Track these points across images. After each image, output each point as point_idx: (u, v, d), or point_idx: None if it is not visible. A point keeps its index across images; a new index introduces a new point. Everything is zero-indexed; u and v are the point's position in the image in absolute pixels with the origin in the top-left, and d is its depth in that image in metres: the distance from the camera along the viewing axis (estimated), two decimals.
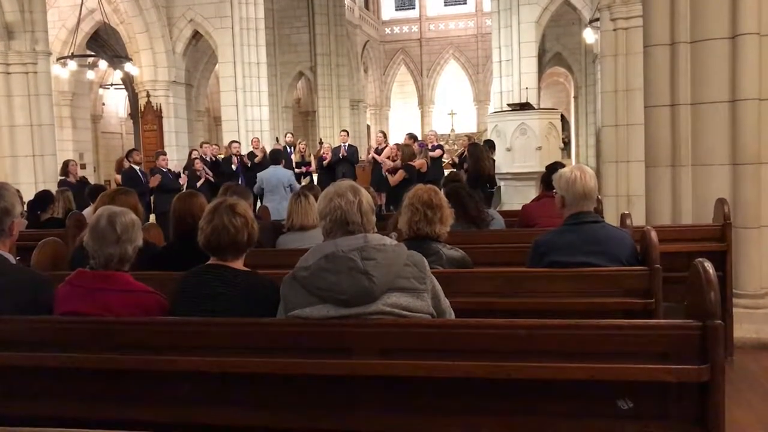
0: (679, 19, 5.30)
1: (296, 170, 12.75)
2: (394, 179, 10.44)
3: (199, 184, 11.60)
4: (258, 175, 10.27)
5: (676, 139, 5.43)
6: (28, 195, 8.18)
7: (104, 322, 2.49)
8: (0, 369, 2.53)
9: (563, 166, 5.62)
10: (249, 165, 12.93)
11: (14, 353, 2.51)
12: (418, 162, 10.59)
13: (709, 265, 2.10)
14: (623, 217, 4.33)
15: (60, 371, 2.48)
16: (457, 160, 13.12)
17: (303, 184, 11.73)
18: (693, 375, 2.04)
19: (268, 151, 12.95)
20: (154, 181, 11.00)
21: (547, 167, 5.61)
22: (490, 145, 12.30)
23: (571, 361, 2.11)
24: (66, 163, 11.24)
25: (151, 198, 11.06)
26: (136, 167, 11.03)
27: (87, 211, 6.97)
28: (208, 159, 12.71)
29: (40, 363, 2.50)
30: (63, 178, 10.87)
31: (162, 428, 2.30)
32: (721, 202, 4.97)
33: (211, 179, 11.94)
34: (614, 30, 8.62)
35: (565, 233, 3.38)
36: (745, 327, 5.05)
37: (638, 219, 5.75)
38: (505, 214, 6.30)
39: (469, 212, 4.75)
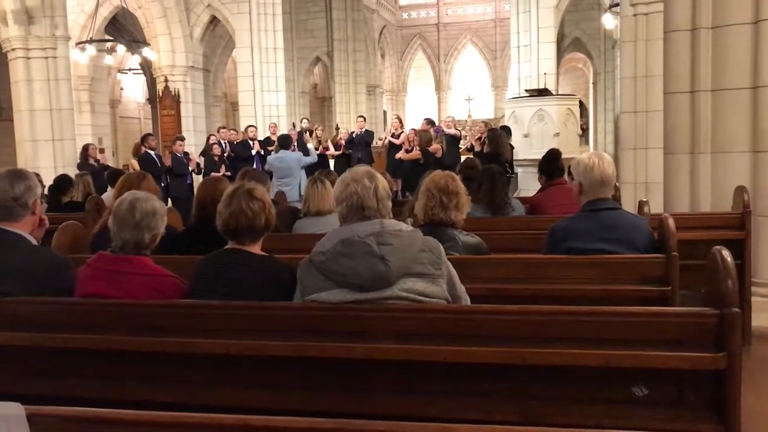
0: (700, 4, 5.22)
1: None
2: (407, 155, 10.60)
3: (216, 174, 11.59)
4: (267, 159, 10.33)
5: (695, 125, 5.37)
6: (48, 179, 8.27)
7: (123, 305, 2.53)
8: (20, 349, 2.57)
9: (559, 152, 5.56)
10: (262, 152, 12.92)
11: (34, 334, 2.54)
12: (433, 147, 10.59)
13: (727, 253, 2.09)
14: (641, 205, 4.31)
15: (79, 352, 2.52)
16: (476, 144, 12.73)
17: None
18: (709, 363, 2.03)
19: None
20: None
21: (543, 157, 5.50)
22: (507, 131, 12.21)
23: (587, 347, 2.11)
24: (85, 147, 11.35)
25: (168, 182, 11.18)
26: (152, 152, 11.15)
27: (106, 196, 7.05)
28: (224, 145, 12.69)
29: (59, 344, 2.53)
30: (81, 161, 10.98)
31: (180, 409, 2.32)
32: (740, 189, 4.92)
33: (228, 173, 11.92)
34: (634, 15, 8.51)
35: (583, 220, 3.37)
36: (763, 316, 5.00)
37: (656, 206, 5.71)
38: (521, 200, 6.26)
39: (495, 198, 4.76)
